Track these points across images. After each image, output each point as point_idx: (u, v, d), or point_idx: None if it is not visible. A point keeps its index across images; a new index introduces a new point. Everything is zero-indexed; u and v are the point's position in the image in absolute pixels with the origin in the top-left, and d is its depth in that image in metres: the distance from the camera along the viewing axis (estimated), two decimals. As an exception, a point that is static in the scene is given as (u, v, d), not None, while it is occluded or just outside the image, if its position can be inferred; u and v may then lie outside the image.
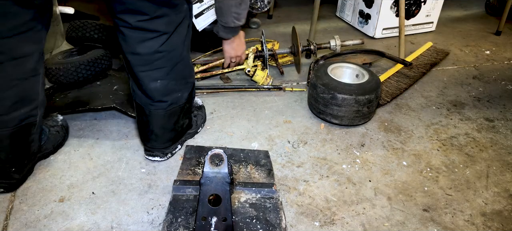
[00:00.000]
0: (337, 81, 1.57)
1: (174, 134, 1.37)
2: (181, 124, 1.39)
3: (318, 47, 1.96)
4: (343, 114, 1.55)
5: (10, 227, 1.12)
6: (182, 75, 1.28)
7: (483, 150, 1.53)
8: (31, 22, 1.08)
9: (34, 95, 1.18)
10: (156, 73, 1.21)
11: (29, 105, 1.17)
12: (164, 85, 1.23)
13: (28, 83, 1.14)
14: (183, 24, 1.20)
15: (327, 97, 1.54)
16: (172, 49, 1.20)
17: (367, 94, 1.51)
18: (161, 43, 1.16)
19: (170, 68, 1.22)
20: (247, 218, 1.12)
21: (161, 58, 1.19)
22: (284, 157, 1.44)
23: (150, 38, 1.14)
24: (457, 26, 2.81)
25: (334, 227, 1.16)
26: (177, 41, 1.20)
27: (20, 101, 1.14)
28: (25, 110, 1.16)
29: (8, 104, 1.11)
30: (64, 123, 1.48)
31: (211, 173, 1.11)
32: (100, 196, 1.23)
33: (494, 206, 1.26)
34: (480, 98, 1.89)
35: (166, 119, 1.30)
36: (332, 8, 2.93)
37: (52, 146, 1.38)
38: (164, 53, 1.19)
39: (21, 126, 1.17)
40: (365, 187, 1.32)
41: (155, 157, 1.37)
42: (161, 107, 1.27)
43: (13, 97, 1.12)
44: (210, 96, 1.80)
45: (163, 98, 1.25)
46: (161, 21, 1.13)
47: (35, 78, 1.16)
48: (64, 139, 1.45)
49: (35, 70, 1.15)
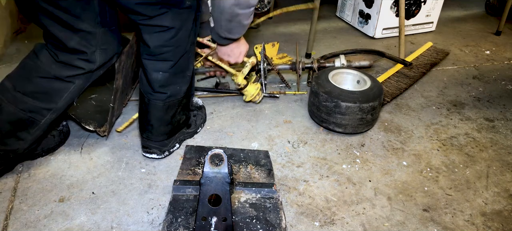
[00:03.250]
0: (340, 89, 1.53)
1: (170, 128, 1.37)
2: (178, 119, 1.39)
3: (321, 66, 1.81)
4: (347, 123, 1.51)
5: (10, 227, 1.12)
6: (182, 69, 1.29)
7: (483, 150, 1.53)
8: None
9: (55, 98, 1.20)
10: (160, 64, 1.23)
11: (44, 102, 1.19)
12: (165, 77, 1.25)
13: (58, 84, 1.19)
14: (189, 19, 1.21)
15: (330, 106, 1.50)
16: (178, 45, 1.22)
17: (371, 101, 1.48)
18: (169, 37, 1.18)
19: (175, 62, 1.24)
20: (247, 218, 1.12)
21: (168, 52, 1.21)
22: (284, 157, 1.44)
23: (158, 31, 1.17)
24: (457, 26, 2.80)
25: (334, 227, 1.16)
26: (183, 35, 1.22)
27: (41, 93, 1.18)
28: (39, 104, 1.18)
29: (30, 89, 1.17)
30: (64, 129, 1.46)
31: (211, 173, 1.11)
32: (100, 196, 1.23)
33: (494, 206, 1.26)
34: (480, 98, 1.89)
35: (163, 110, 1.31)
36: (332, 8, 2.93)
37: (42, 148, 1.36)
38: (171, 48, 1.21)
39: (26, 115, 1.18)
40: (365, 187, 1.32)
41: (152, 153, 1.37)
42: (160, 99, 1.28)
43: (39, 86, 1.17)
44: (210, 96, 1.80)
45: (162, 90, 1.27)
46: (166, 17, 1.15)
47: (66, 85, 1.20)
48: (58, 144, 1.42)
49: (71, 78, 1.20)
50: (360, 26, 2.61)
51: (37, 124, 1.21)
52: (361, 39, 2.51)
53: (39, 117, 1.20)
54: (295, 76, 2.02)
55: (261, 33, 2.53)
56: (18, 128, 1.20)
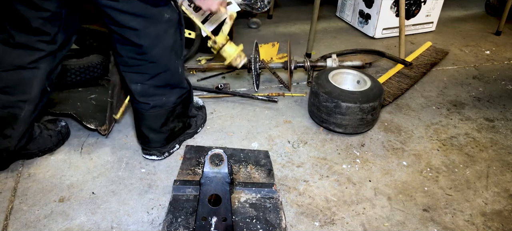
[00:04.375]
0: (340, 89, 1.53)
1: (163, 136, 1.34)
2: (172, 127, 1.35)
3: (312, 66, 1.87)
4: (347, 123, 1.51)
5: (10, 227, 1.12)
6: (167, 83, 1.25)
7: (483, 150, 1.53)
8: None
9: (26, 88, 1.17)
10: (136, 76, 1.20)
11: (16, 95, 1.16)
12: (144, 89, 1.22)
13: (24, 73, 1.15)
14: (166, 35, 1.15)
15: (330, 106, 1.50)
16: (153, 60, 1.17)
17: (371, 101, 1.48)
18: (137, 52, 1.14)
19: (152, 76, 1.20)
20: (247, 218, 1.12)
21: (141, 65, 1.17)
22: (284, 157, 1.44)
23: (127, 44, 1.13)
24: (457, 26, 2.81)
25: (334, 227, 1.16)
26: (160, 53, 1.17)
27: (10, 87, 1.15)
28: (11, 98, 1.15)
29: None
30: (63, 130, 1.44)
31: (211, 173, 1.11)
32: (100, 196, 1.23)
33: (494, 206, 1.26)
34: (480, 98, 1.89)
35: (150, 119, 1.28)
36: (332, 8, 2.93)
37: (38, 148, 1.34)
38: (144, 62, 1.16)
39: (3, 112, 1.16)
40: (365, 187, 1.32)
41: (152, 155, 1.37)
42: (144, 109, 1.26)
43: (5, 80, 1.13)
44: (210, 96, 1.80)
45: (144, 100, 1.24)
46: (133, 33, 1.10)
47: (33, 72, 1.16)
48: (56, 145, 1.40)
49: (35, 63, 1.15)
50: (360, 26, 2.61)
51: (17, 118, 1.19)
52: (361, 39, 2.51)
53: (17, 110, 1.18)
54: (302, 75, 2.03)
55: (261, 33, 2.53)
56: (0, 127, 1.18)
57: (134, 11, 1.06)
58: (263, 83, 1.93)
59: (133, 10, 1.06)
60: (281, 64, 1.84)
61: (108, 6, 1.03)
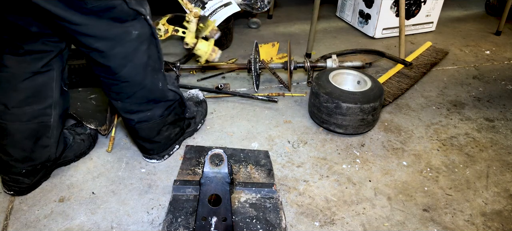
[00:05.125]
0: (341, 90, 1.53)
1: (158, 144, 1.33)
2: (167, 135, 1.34)
3: (312, 66, 1.86)
4: (348, 124, 1.50)
5: (10, 227, 1.12)
6: (148, 99, 1.21)
7: (483, 150, 1.53)
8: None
9: (47, 92, 1.16)
10: (114, 95, 1.17)
11: (41, 102, 1.16)
12: (125, 106, 1.19)
13: (41, 78, 1.14)
14: (137, 53, 1.10)
15: (331, 107, 1.49)
16: (126, 80, 1.13)
17: (372, 102, 1.48)
18: (107, 72, 1.10)
19: (128, 95, 1.17)
20: (247, 218, 1.12)
21: (115, 85, 1.14)
22: (284, 157, 1.44)
23: (96, 65, 1.10)
24: (457, 26, 2.81)
25: (334, 227, 1.16)
26: (131, 72, 1.12)
27: (32, 96, 1.14)
28: (37, 107, 1.15)
29: (21, 98, 1.12)
30: (92, 132, 1.43)
31: (211, 173, 1.11)
32: (100, 196, 1.23)
33: (494, 206, 1.26)
34: (480, 98, 1.89)
35: (142, 132, 1.27)
36: (332, 8, 2.93)
37: (74, 154, 1.35)
38: (117, 82, 1.13)
39: (34, 124, 1.15)
40: (365, 187, 1.32)
41: (152, 159, 1.38)
42: (130, 124, 1.25)
43: (26, 90, 1.12)
44: (210, 96, 1.80)
45: (128, 116, 1.22)
46: (99, 55, 1.06)
47: (48, 75, 1.15)
48: (89, 148, 1.41)
49: (48, 66, 1.14)
50: (360, 26, 2.61)
51: (49, 126, 1.19)
52: (361, 39, 2.51)
53: (46, 118, 1.18)
54: (302, 76, 2.03)
55: (261, 33, 2.53)
56: (36, 138, 1.17)
57: (96, 33, 1.01)
58: (263, 83, 1.93)
59: (95, 31, 1.01)
60: (281, 65, 1.84)
61: (71, 29, 0.99)
